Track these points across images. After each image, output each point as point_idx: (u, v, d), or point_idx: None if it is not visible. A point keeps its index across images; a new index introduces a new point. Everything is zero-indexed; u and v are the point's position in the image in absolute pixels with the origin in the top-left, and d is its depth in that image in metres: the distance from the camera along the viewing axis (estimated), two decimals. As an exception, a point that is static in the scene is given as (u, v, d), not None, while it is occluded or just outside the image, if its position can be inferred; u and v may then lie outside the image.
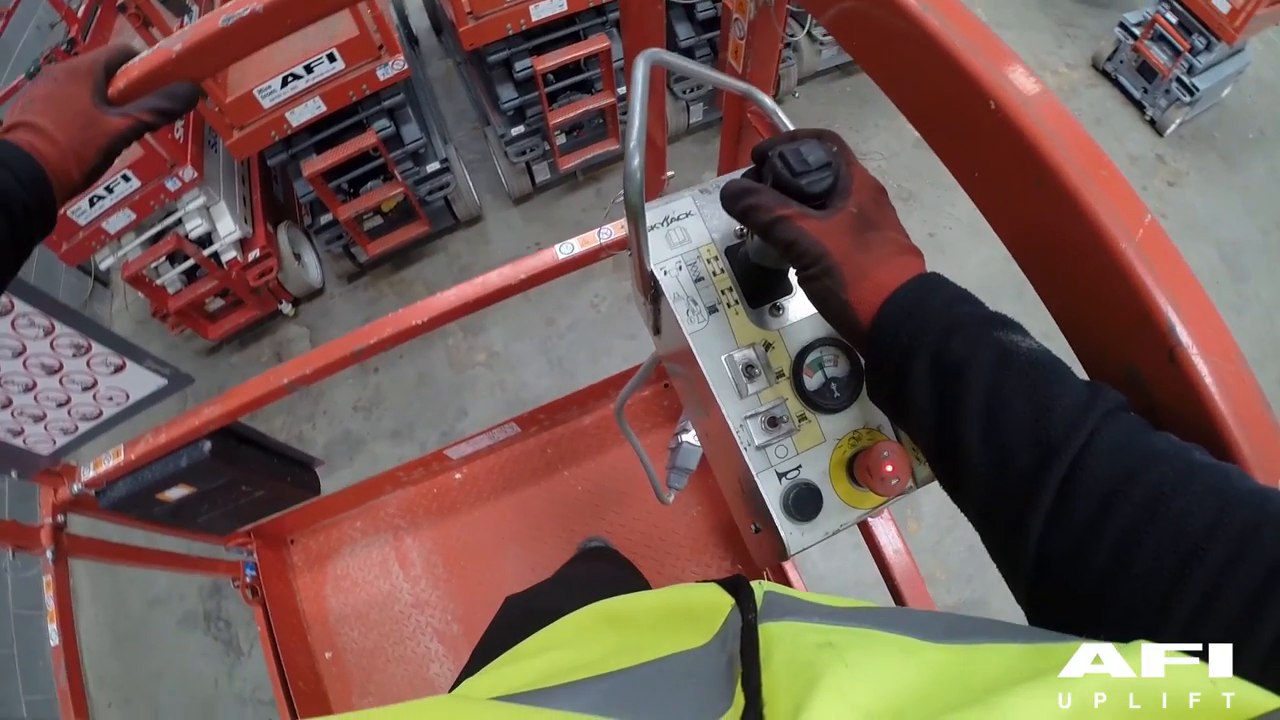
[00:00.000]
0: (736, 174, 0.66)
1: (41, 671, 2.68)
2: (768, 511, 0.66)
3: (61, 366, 1.16)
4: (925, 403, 0.51)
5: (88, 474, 1.44)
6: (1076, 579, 0.44)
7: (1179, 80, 3.48)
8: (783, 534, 0.66)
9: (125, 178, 2.59)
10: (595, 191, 3.69)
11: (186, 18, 2.86)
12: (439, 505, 2.34)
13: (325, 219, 3.18)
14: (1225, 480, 0.42)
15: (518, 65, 2.95)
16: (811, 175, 0.56)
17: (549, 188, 3.61)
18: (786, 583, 1.83)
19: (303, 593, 2.28)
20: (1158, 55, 3.53)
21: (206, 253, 2.93)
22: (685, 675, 0.49)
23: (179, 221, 2.91)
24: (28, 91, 0.78)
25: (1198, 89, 3.43)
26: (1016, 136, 0.55)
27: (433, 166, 3.20)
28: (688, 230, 0.73)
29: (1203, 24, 3.36)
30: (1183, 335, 0.48)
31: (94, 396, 1.24)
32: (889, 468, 0.61)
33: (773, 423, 0.67)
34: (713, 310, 0.70)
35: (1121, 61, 3.75)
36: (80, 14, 3.05)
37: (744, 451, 0.66)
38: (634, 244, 0.63)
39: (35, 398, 1.20)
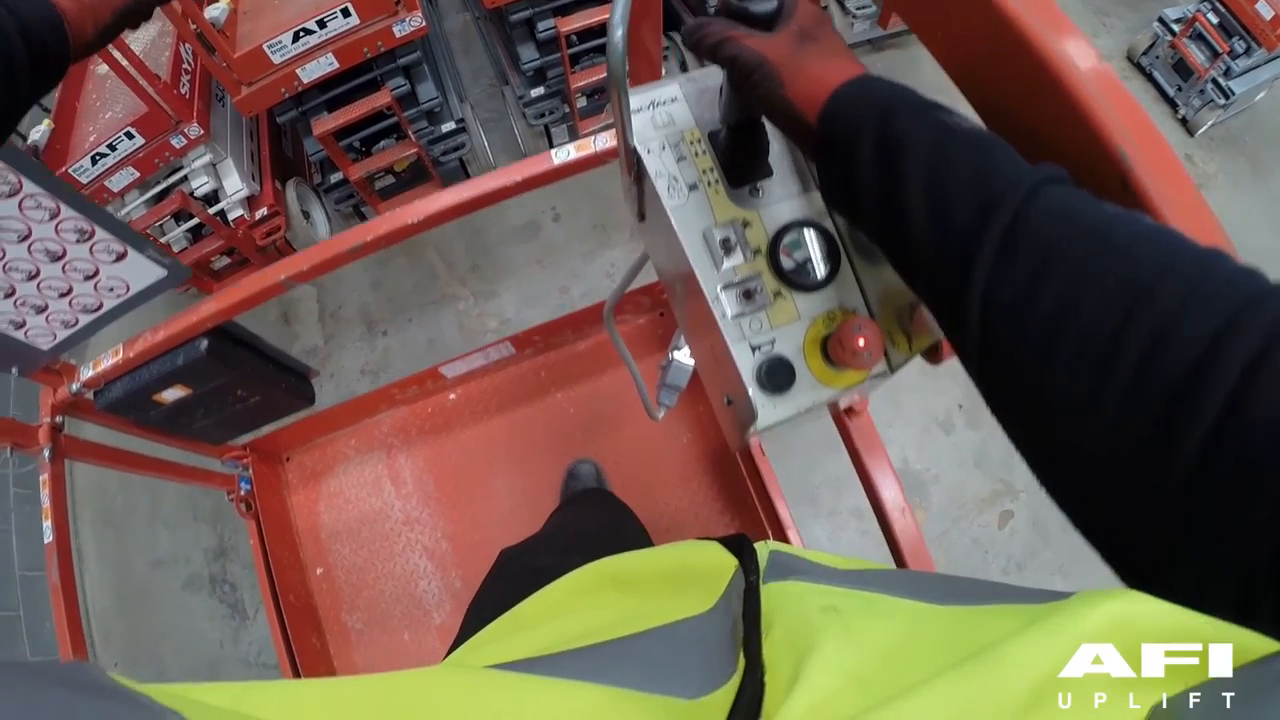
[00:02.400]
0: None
1: (47, 633, 2.65)
2: (740, 380, 0.69)
3: (65, 253, 1.18)
4: (872, 182, 0.50)
5: (87, 374, 1.47)
6: (1023, 331, 0.43)
7: (1215, 82, 3.40)
8: (754, 403, 0.68)
9: (129, 135, 2.50)
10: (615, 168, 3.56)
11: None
12: (432, 424, 2.37)
13: (335, 178, 3.08)
14: (1173, 235, 0.41)
15: (540, 25, 2.82)
16: (757, 1, 0.60)
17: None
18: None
19: (296, 509, 2.32)
20: (1195, 54, 3.44)
21: (212, 211, 2.86)
22: (692, 641, 0.49)
23: (184, 179, 2.83)
24: None
25: (1233, 92, 3.35)
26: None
27: (448, 126, 3.07)
28: (672, 114, 0.75)
29: (1244, 27, 3.28)
30: (1134, 162, 0.49)
31: (95, 287, 1.26)
32: (861, 341, 0.63)
33: (747, 295, 0.69)
34: (693, 188, 0.72)
35: (1157, 57, 3.65)
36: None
37: (719, 321, 0.69)
38: (617, 117, 0.65)
39: (38, 286, 1.22)
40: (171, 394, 1.53)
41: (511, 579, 0.89)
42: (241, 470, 2.11)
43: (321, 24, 2.44)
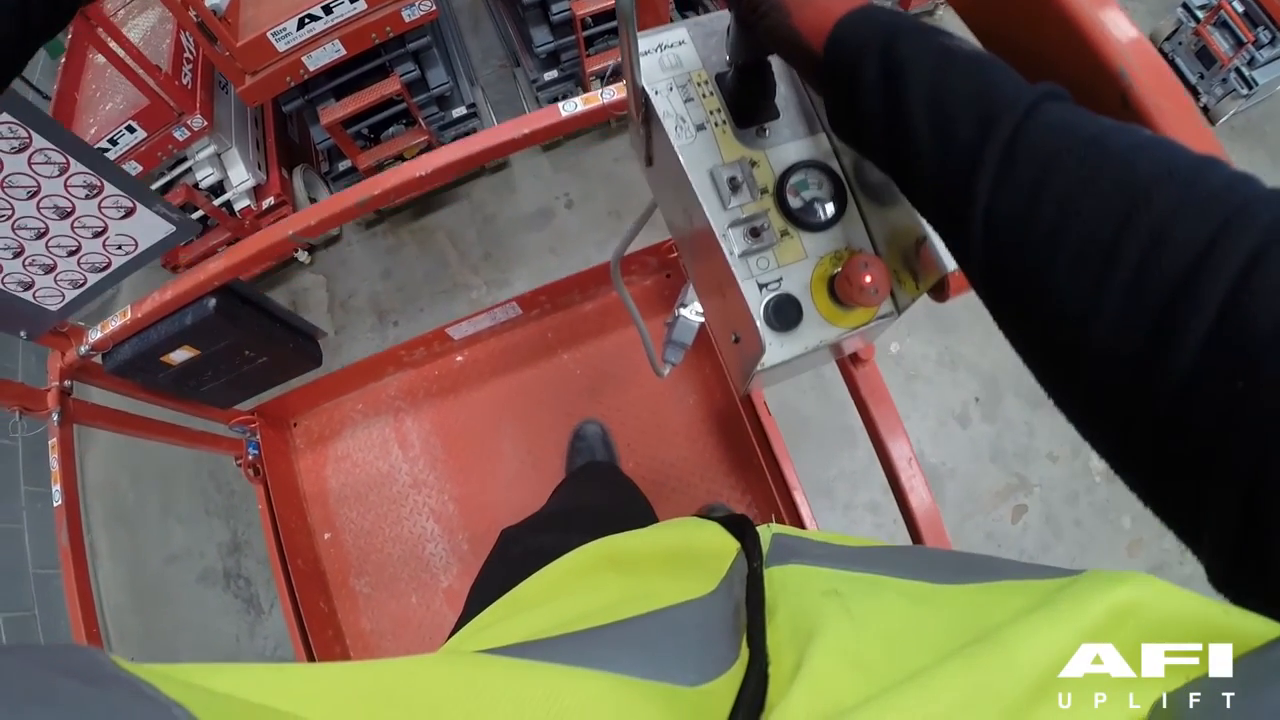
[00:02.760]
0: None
1: (62, 631, 2.65)
2: (748, 316, 0.69)
3: (74, 209, 1.18)
4: (876, 105, 0.51)
5: (95, 336, 1.48)
6: (1025, 239, 0.44)
7: (1238, 71, 3.32)
8: (762, 338, 0.69)
9: (130, 129, 2.45)
10: (628, 140, 3.43)
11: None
12: (439, 387, 2.38)
13: (343, 166, 3.03)
14: (1170, 144, 0.42)
15: (555, 8, 2.77)
16: None
17: (579, 135, 3.39)
18: (797, 514, 1.87)
19: (304, 474, 2.33)
20: (1219, 42, 3.34)
21: (218, 202, 2.81)
22: (693, 625, 0.49)
23: (189, 171, 2.76)
24: None
25: (1257, 82, 3.27)
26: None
27: (459, 111, 2.98)
28: (680, 57, 0.75)
29: (1270, 17, 3.20)
30: (1134, 79, 0.50)
31: (103, 244, 1.26)
32: (867, 278, 0.64)
33: (754, 233, 0.70)
34: (700, 128, 0.72)
35: (1180, 43, 3.55)
36: None
37: (727, 258, 0.69)
38: (626, 59, 0.65)
39: (46, 245, 1.22)
40: (180, 355, 1.54)
41: (512, 561, 0.90)
42: (249, 435, 2.12)
43: (328, 9, 2.34)
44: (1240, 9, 3.27)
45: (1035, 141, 0.44)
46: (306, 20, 2.33)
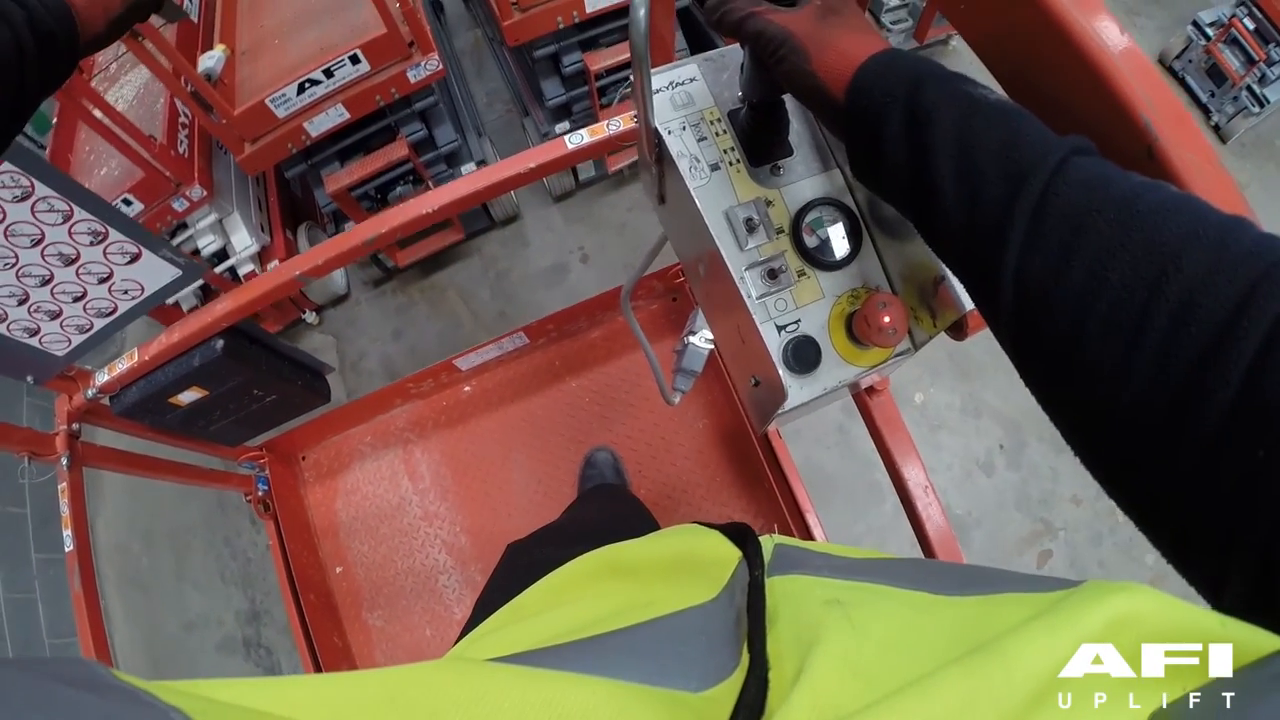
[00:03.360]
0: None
1: (64, 616, 2.66)
2: (769, 361, 0.69)
3: (79, 256, 1.17)
4: (901, 155, 0.51)
5: (102, 379, 1.47)
6: (1055, 302, 0.44)
7: (1249, 89, 3.30)
8: (784, 383, 0.68)
9: (126, 202, 2.37)
10: (640, 189, 3.29)
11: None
12: (448, 418, 2.37)
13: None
14: (1198, 204, 0.42)
15: (566, 59, 2.62)
16: None
17: (592, 184, 3.30)
18: (809, 536, 1.86)
19: (314, 508, 2.32)
20: (1230, 60, 3.32)
21: (221, 269, 2.73)
22: (695, 632, 0.49)
23: (189, 238, 2.66)
24: None
25: (1268, 100, 3.26)
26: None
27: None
28: (692, 94, 0.74)
29: None
30: (1159, 132, 0.50)
31: (109, 290, 1.26)
32: (886, 318, 0.63)
33: (772, 275, 0.69)
34: (715, 168, 0.71)
35: (1190, 61, 3.53)
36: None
37: (745, 301, 0.69)
38: (639, 98, 0.64)
39: (51, 292, 1.22)
40: (188, 396, 1.53)
41: (516, 572, 0.89)
42: (258, 471, 2.11)
43: (329, 73, 2.25)
44: (1251, 26, 3.25)
45: (1064, 202, 0.44)
46: (307, 85, 2.25)
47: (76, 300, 1.25)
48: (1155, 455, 0.40)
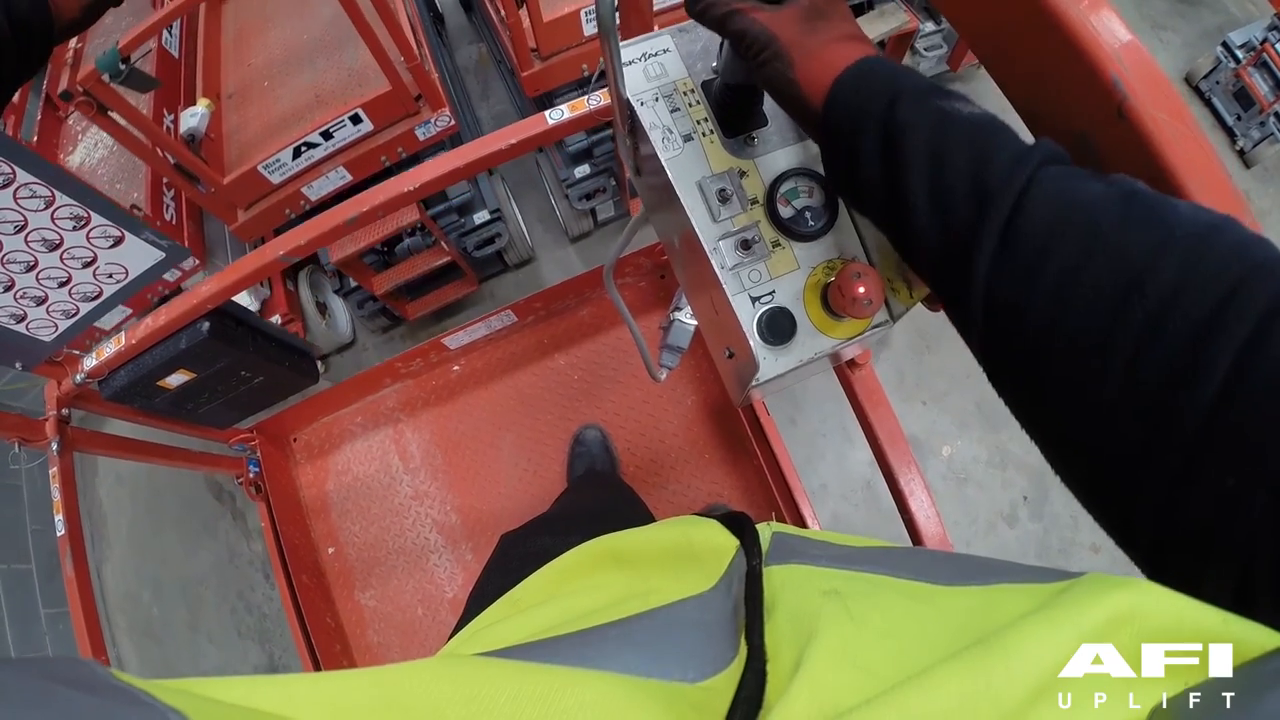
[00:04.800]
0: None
1: (59, 586, 2.58)
2: (741, 332, 0.69)
3: (62, 241, 1.17)
4: (875, 171, 0.51)
5: (90, 363, 1.47)
6: (1023, 325, 0.44)
7: (1277, 115, 3.20)
8: (756, 355, 0.68)
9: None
10: (656, 227, 3.06)
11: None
12: (437, 397, 2.38)
13: (354, 280, 2.64)
14: (1167, 211, 0.42)
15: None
16: None
17: (610, 223, 3.14)
18: (798, 514, 1.87)
19: (305, 489, 2.33)
20: (1259, 85, 3.23)
21: None
22: (692, 623, 0.49)
23: None
24: None
25: None
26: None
27: (481, 217, 2.62)
28: (665, 65, 0.74)
29: None
30: (1129, 89, 0.49)
31: (94, 274, 1.26)
32: (861, 289, 0.63)
33: (745, 245, 0.69)
34: (688, 138, 0.71)
35: (1218, 83, 3.44)
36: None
37: (718, 272, 0.69)
38: (609, 70, 0.64)
39: (37, 278, 1.22)
40: (176, 379, 1.53)
41: (510, 564, 0.90)
42: (249, 453, 2.12)
43: (327, 135, 2.06)
44: (1283, 51, 3.16)
45: (1031, 221, 0.44)
46: (303, 149, 2.07)
47: (61, 285, 1.25)
48: (1126, 478, 0.40)
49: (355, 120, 2.06)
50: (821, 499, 2.60)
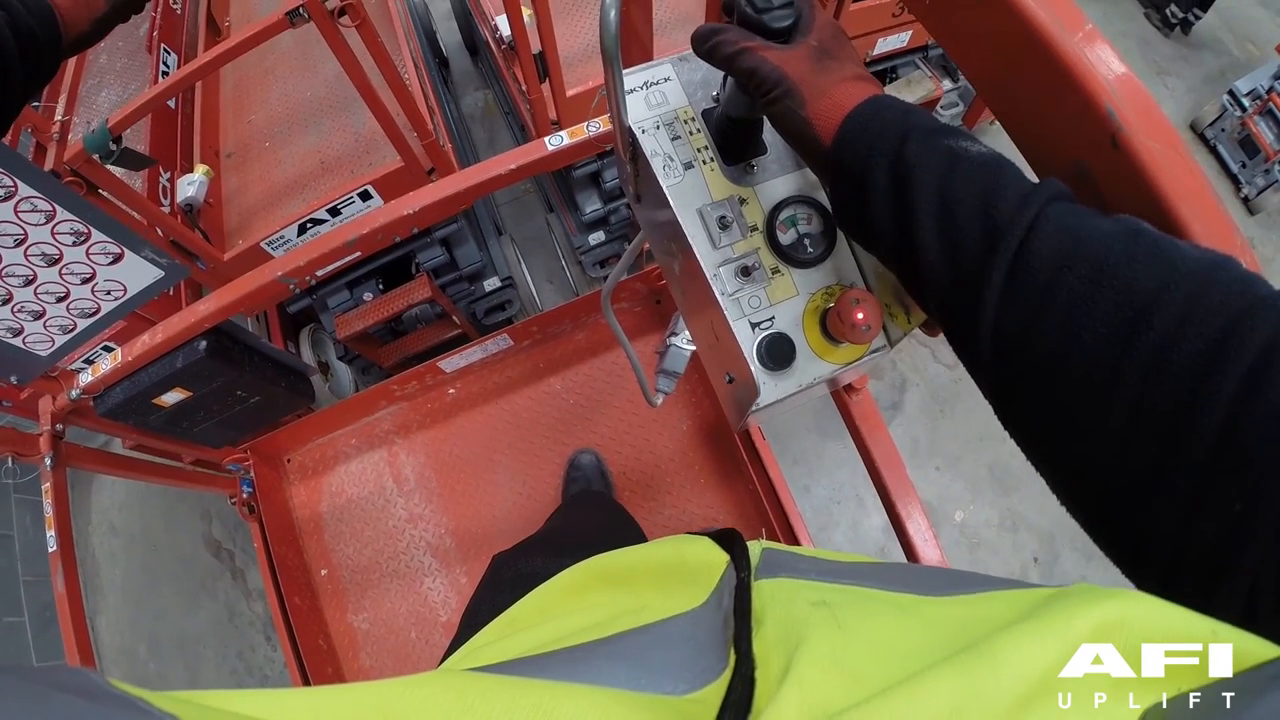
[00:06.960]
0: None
1: (52, 639, 2.62)
2: (741, 357, 0.69)
3: (62, 256, 1.17)
4: (884, 210, 0.52)
5: (86, 379, 1.47)
6: (1031, 360, 0.45)
7: None
8: (756, 379, 0.68)
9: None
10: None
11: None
12: (432, 420, 2.37)
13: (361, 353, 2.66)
14: (1171, 249, 0.43)
15: (609, 174, 2.48)
16: (774, 12, 0.59)
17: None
18: (793, 536, 1.87)
19: (298, 510, 2.31)
20: (1265, 133, 3.28)
21: None
22: (683, 637, 0.49)
23: None
24: None
25: None
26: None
27: (492, 284, 2.62)
28: (666, 94, 0.75)
29: None
30: (1122, 120, 0.50)
31: (92, 290, 1.25)
32: (860, 314, 0.63)
33: (745, 272, 0.70)
34: (689, 166, 0.72)
35: (1223, 130, 3.49)
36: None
37: (718, 298, 0.69)
38: (610, 95, 0.65)
39: (35, 292, 1.21)
40: (172, 397, 1.53)
41: (503, 585, 0.92)
42: (243, 473, 2.11)
43: (334, 212, 1.98)
44: (1290, 103, 3.17)
45: (1038, 259, 0.45)
46: (309, 225, 1.99)
47: (60, 301, 1.25)
48: (1134, 509, 0.41)
49: (365, 197, 1.99)
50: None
